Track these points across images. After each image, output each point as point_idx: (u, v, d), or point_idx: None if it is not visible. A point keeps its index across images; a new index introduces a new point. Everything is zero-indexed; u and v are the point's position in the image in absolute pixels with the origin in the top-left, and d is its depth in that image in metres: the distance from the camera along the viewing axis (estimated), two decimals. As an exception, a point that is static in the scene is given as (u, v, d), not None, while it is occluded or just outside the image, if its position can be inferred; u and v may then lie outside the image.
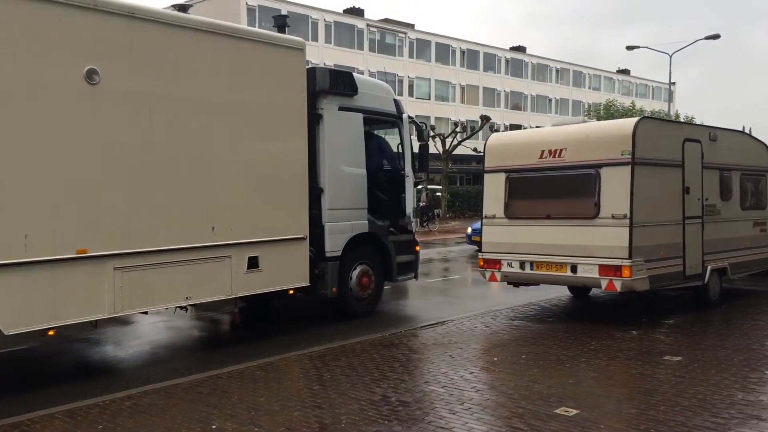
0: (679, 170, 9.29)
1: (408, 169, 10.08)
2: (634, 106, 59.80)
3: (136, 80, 7.00)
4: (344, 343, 8.00)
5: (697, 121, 50.98)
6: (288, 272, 8.56)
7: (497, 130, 54.21)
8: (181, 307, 7.91)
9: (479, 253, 10.00)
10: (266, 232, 8.21)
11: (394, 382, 6.37)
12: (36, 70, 6.28)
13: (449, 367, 6.90)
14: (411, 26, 57.31)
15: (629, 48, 38.99)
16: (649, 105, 72.14)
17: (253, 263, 8.05)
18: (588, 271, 8.73)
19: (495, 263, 9.70)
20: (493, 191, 9.89)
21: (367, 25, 53.37)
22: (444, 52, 59.25)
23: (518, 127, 58.14)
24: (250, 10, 45.21)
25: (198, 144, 7.57)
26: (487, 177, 10.05)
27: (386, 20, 56.01)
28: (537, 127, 17.18)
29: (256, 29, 9.71)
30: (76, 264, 6.54)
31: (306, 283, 8.79)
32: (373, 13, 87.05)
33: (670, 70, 38.53)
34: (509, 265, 9.54)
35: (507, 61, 64.63)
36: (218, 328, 9.86)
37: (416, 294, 12.76)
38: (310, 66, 9.07)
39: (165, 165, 7.26)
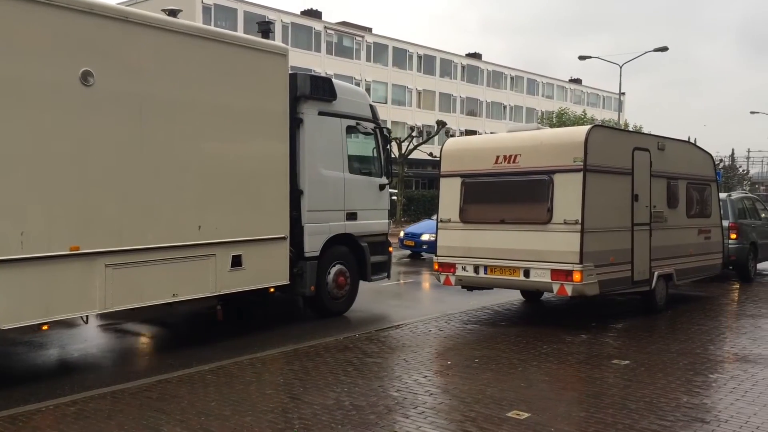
0: (628, 178, 9.52)
1: (383, 174, 10.74)
2: (586, 114, 61.15)
3: (129, 83, 7.18)
4: (298, 347, 7.92)
5: (646, 131, 52.43)
6: (269, 271, 8.79)
7: (453, 135, 54.68)
8: (168, 305, 7.89)
9: (434, 257, 10.05)
10: (249, 232, 8.42)
11: (348, 386, 6.34)
12: (32, 70, 6.41)
13: (403, 371, 6.90)
14: (368, 30, 57.41)
15: (581, 58, 39.88)
16: (600, 114, 73.88)
17: (236, 262, 8.27)
18: (540, 276, 8.86)
19: (450, 267, 9.76)
20: (449, 195, 9.96)
21: (325, 27, 53.23)
22: (401, 57, 59.53)
23: (474, 132, 58.80)
24: (206, 9, 44.57)
25: (186, 145, 7.75)
26: (443, 181, 10.11)
27: (344, 23, 55.97)
28: (492, 132, 17.74)
29: (242, 35, 10.35)
30: (69, 261, 6.67)
31: (286, 282, 9.06)
32: (330, 16, 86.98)
33: (620, 80, 39.57)
34: (464, 269, 9.61)
35: (463, 67, 65.31)
36: (168, 332, 9.65)
37: (371, 297, 12.74)
38: (291, 71, 9.21)
39: (154, 165, 7.41)
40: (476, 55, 67.25)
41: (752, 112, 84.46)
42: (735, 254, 13.44)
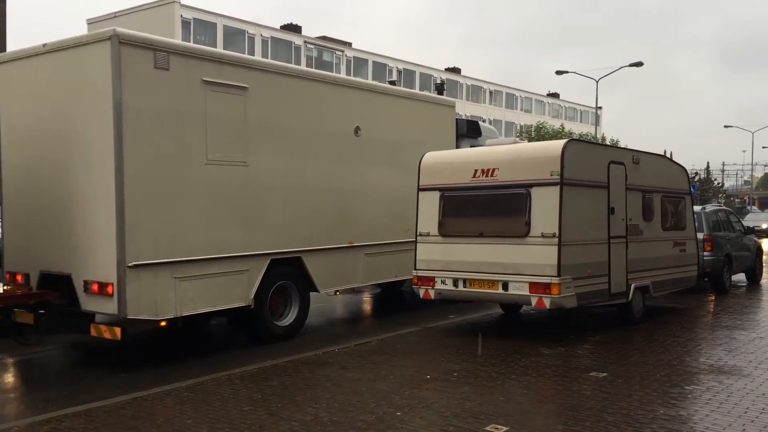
0: (604, 191, 9.62)
1: None
2: (563, 128, 61.81)
3: (378, 132, 10.88)
4: (276, 362, 7.87)
5: (622, 145, 53.10)
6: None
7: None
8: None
9: (413, 271, 10.06)
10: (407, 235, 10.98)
11: (326, 402, 6.30)
12: (329, 126, 10.04)
13: (382, 385, 6.88)
14: (348, 44, 57.62)
15: (558, 73, 40.38)
16: (578, 128, 74.71)
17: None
18: (519, 289, 8.90)
19: (429, 281, 9.77)
20: (428, 209, 9.99)
21: (305, 42, 53.36)
22: (381, 71, 59.78)
23: (453, 146, 58.90)
24: (185, 23, 44.47)
25: (398, 172, 11.13)
26: (421, 195, 10.14)
27: (324, 38, 56.14)
28: (471, 146, 18.70)
29: (429, 93, 16.30)
30: (348, 250, 10.33)
31: None
32: (310, 31, 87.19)
33: (597, 94, 40.17)
34: (443, 282, 9.62)
35: (443, 81, 65.73)
36: (145, 348, 9.53)
37: (348, 311, 12.71)
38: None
39: (385, 189, 11.07)
40: (455, 70, 67.77)
41: (726, 126, 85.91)
42: (710, 266, 13.59)
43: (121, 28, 7.51)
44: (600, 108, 56.43)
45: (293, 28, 53.52)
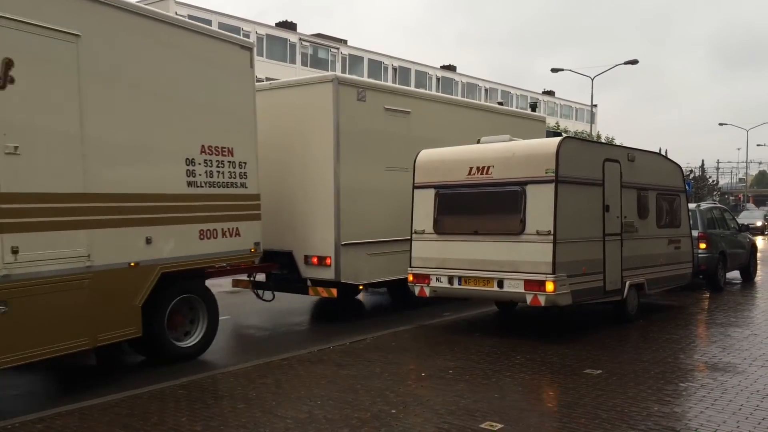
0: (599, 189, 9.63)
1: None
2: (559, 126, 61.86)
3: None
4: (271, 360, 7.85)
5: (617, 142, 53.20)
6: None
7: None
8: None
9: (409, 268, 10.05)
10: None
11: (322, 399, 6.29)
12: (461, 138, 11.20)
13: (377, 383, 6.87)
14: (344, 42, 57.54)
15: (554, 70, 40.37)
16: (573, 125, 74.78)
17: None
18: (514, 286, 8.90)
19: (424, 278, 9.77)
20: (423, 207, 9.98)
21: (300, 39, 53.26)
22: (376, 69, 59.73)
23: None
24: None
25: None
26: (416, 193, 10.13)
27: (319, 35, 56.06)
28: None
29: (528, 111, 18.08)
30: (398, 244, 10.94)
31: None
32: (306, 28, 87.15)
33: (592, 92, 40.17)
34: (438, 280, 9.62)
35: (438, 79, 65.75)
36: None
37: (343, 309, 12.70)
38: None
39: None
40: (451, 67, 67.75)
41: (721, 124, 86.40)
42: (705, 264, 13.63)
43: (340, 74, 11.32)
44: (595, 106, 56.54)
45: (288, 26, 53.41)
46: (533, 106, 19.22)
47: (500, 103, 14.15)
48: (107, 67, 7.15)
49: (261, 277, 10.78)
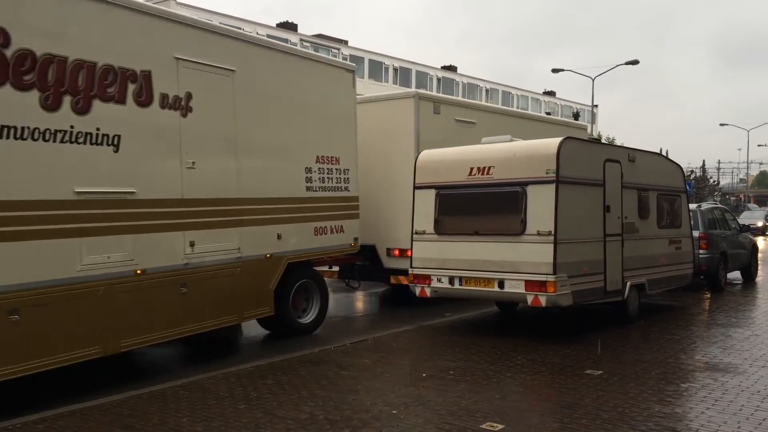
0: (600, 189, 9.62)
1: None
2: (560, 126, 61.76)
3: None
4: (272, 361, 7.86)
5: (618, 143, 53.13)
6: None
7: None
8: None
9: (410, 269, 10.05)
10: None
11: (322, 400, 6.30)
12: None
13: (378, 384, 6.88)
14: (344, 42, 57.57)
15: (554, 71, 40.39)
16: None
17: None
18: (515, 287, 8.90)
19: (425, 279, 9.77)
20: (424, 207, 9.98)
21: (301, 39, 53.27)
22: (377, 69, 59.75)
23: (449, 144, 58.90)
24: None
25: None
26: (417, 193, 10.13)
27: (320, 35, 56.08)
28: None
29: (571, 120, 20.59)
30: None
31: None
32: (306, 29, 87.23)
33: (593, 92, 40.22)
34: (439, 280, 9.62)
35: (438, 79, 65.74)
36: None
37: (343, 309, 12.71)
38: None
39: None
40: (452, 68, 67.75)
41: (722, 124, 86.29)
42: (706, 264, 13.62)
43: (420, 90, 13.25)
44: (596, 106, 56.52)
45: (289, 26, 53.46)
46: (575, 116, 24.83)
47: (548, 113, 16.80)
48: (253, 95, 8.79)
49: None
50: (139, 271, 7.19)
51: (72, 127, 6.56)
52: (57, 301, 6.39)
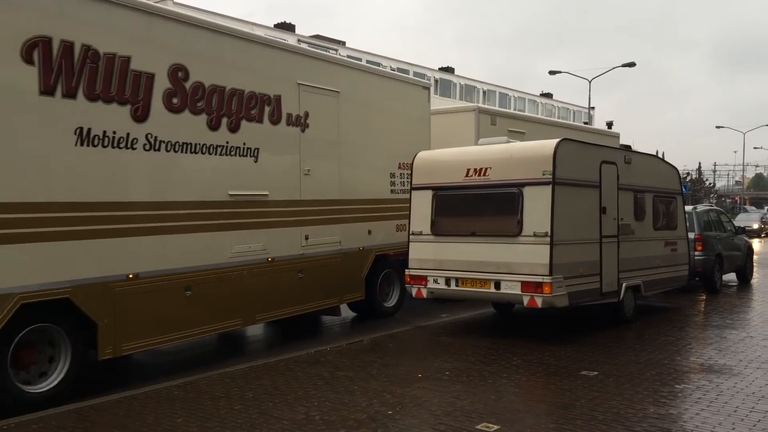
0: (596, 191, 9.65)
1: None
2: (557, 128, 61.89)
3: None
4: (268, 361, 7.86)
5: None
6: None
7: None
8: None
9: (407, 270, 10.06)
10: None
11: (318, 401, 6.30)
12: None
13: (374, 384, 6.88)
14: (342, 43, 57.57)
15: (551, 73, 40.40)
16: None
17: None
18: (511, 288, 8.91)
19: (421, 279, 9.77)
20: (421, 208, 9.99)
21: (299, 40, 53.23)
22: (374, 70, 59.65)
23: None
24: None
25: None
26: (414, 194, 10.14)
27: (318, 36, 56.07)
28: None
29: (605, 129, 24.32)
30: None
31: None
32: (304, 29, 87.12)
33: (590, 94, 40.17)
34: (435, 281, 9.63)
35: (436, 81, 65.72)
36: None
37: (342, 310, 12.69)
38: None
39: None
40: (449, 69, 67.78)
41: (718, 127, 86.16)
42: (701, 266, 13.66)
43: (480, 104, 14.87)
44: (593, 108, 56.62)
45: (287, 27, 53.44)
46: (609, 125, 25.59)
47: (586, 123, 19.12)
48: (352, 111, 10.32)
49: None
50: (270, 259, 8.85)
51: (227, 142, 8.26)
52: (215, 281, 8.01)
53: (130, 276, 7.05)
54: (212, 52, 8.12)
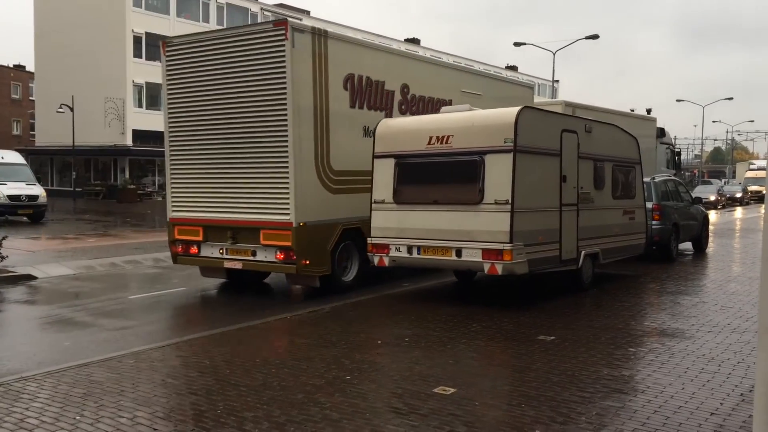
0: (557, 159, 9.70)
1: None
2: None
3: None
4: (226, 330, 7.79)
5: (579, 117, 53.51)
6: None
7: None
8: None
9: (369, 238, 10.03)
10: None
11: (277, 367, 6.27)
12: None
13: (334, 351, 6.87)
14: (306, 12, 56.63)
15: (516, 44, 40.49)
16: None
17: None
18: (472, 256, 8.96)
19: (383, 248, 9.76)
20: (383, 176, 9.93)
21: (261, 9, 52.22)
22: (340, 40, 58.87)
23: (412, 117, 58.77)
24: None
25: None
26: (376, 162, 10.06)
27: (281, 5, 55.04)
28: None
29: (641, 114, 29.31)
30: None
31: None
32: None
33: (554, 67, 40.41)
34: (397, 249, 9.63)
35: (649, 108, 65.29)
36: (94, 316, 9.33)
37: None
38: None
39: None
40: (415, 41, 67.31)
41: (678, 100, 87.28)
42: (658, 235, 13.93)
43: (566, 99, 18.38)
44: (557, 81, 56.89)
45: (249, -5, 52.23)
46: (648, 111, 30.63)
47: (632, 110, 21.79)
48: (488, 107, 10.76)
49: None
50: None
51: None
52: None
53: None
54: (420, 75, 12.27)
